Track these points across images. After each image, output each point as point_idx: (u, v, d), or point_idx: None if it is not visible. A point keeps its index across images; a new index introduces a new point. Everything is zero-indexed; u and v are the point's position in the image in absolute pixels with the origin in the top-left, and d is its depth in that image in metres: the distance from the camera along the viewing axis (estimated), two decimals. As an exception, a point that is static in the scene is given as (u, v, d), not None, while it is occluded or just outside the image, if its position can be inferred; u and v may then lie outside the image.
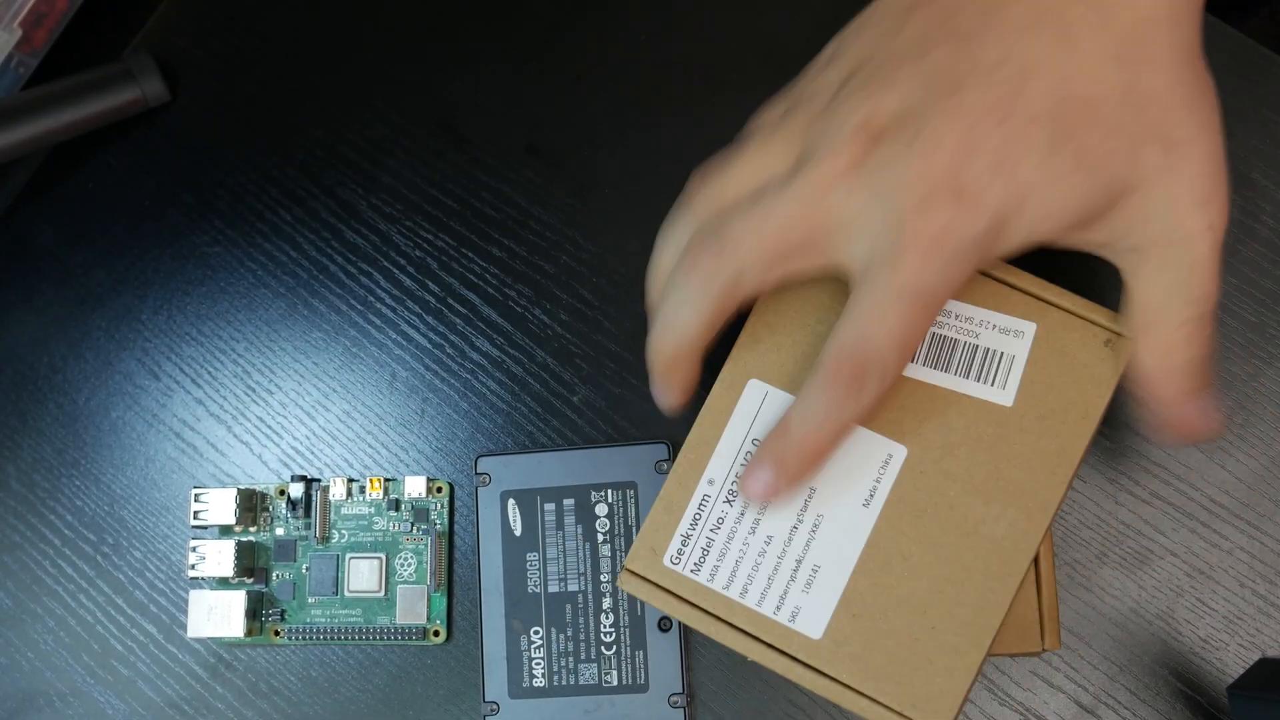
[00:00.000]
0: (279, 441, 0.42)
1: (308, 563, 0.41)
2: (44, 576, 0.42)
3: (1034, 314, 0.32)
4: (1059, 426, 0.31)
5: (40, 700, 0.41)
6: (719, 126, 0.42)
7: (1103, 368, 0.31)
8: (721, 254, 0.31)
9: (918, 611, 0.30)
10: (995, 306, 0.32)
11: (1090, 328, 0.32)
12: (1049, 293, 0.32)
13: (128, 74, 0.44)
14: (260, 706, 0.40)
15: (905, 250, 0.29)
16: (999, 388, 0.32)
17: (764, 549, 0.31)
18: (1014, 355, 0.32)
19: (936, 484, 0.31)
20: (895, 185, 0.29)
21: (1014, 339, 0.32)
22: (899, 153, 0.29)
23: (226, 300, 0.44)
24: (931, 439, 0.31)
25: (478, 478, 0.40)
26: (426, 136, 0.44)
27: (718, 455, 0.32)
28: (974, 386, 0.32)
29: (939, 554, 0.31)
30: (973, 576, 0.30)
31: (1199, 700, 0.36)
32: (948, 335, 0.32)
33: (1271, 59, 0.39)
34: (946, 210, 0.29)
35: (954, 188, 0.29)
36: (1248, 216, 0.39)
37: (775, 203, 0.30)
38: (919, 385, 0.32)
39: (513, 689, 0.39)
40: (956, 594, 0.30)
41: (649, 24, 0.43)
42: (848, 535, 0.31)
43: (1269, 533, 0.37)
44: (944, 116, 0.29)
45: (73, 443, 0.43)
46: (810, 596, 0.31)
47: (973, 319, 0.32)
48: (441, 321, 0.42)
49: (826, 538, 0.31)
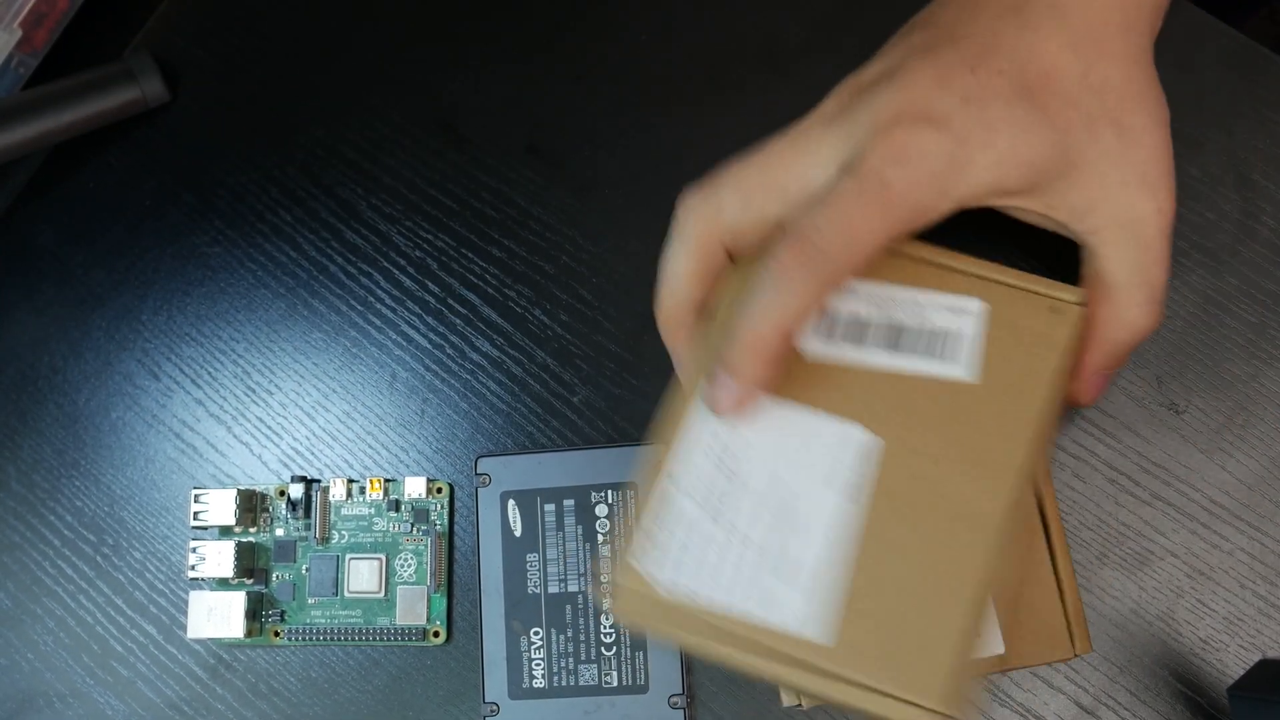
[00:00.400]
0: (279, 442, 0.42)
1: (308, 563, 0.41)
2: (44, 577, 0.42)
3: (978, 291, 0.33)
4: (1017, 393, 0.32)
5: (40, 701, 0.41)
6: (719, 126, 0.42)
7: (1052, 333, 0.32)
8: (703, 192, 0.32)
9: (908, 592, 0.30)
10: (940, 288, 0.33)
11: (1034, 298, 0.33)
12: (990, 270, 0.33)
13: (128, 74, 0.43)
14: (260, 707, 0.40)
15: (870, 151, 0.30)
16: (954, 364, 0.32)
17: (742, 551, 0.31)
18: (965, 331, 0.32)
19: (905, 462, 0.31)
20: (872, 112, 0.31)
21: (963, 317, 0.33)
22: (878, 91, 0.31)
23: (226, 300, 0.44)
24: (895, 420, 0.32)
25: (478, 478, 0.40)
26: (426, 136, 0.44)
27: (681, 459, 0.32)
28: (931, 364, 0.32)
29: (920, 531, 0.31)
30: (951, 546, 0.30)
31: (1199, 701, 0.36)
32: (900, 320, 0.33)
33: (1271, 59, 0.39)
34: (917, 129, 0.30)
35: (925, 113, 0.30)
36: (1248, 217, 0.39)
37: (757, 150, 0.32)
38: (878, 373, 0.32)
39: (513, 690, 0.39)
40: (934, 566, 0.30)
41: (649, 24, 0.43)
42: (822, 526, 0.31)
43: (1269, 534, 0.37)
44: (921, 63, 0.31)
45: (73, 443, 0.43)
46: (796, 592, 0.31)
47: (920, 302, 0.33)
48: (441, 322, 0.42)
49: (801, 531, 0.31)
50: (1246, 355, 0.38)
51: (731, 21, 0.43)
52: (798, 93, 0.41)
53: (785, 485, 0.31)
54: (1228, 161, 0.39)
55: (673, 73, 0.43)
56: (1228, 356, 0.38)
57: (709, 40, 0.43)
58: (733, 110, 0.42)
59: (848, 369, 0.32)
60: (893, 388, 0.32)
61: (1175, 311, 0.38)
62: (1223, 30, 0.40)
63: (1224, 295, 0.38)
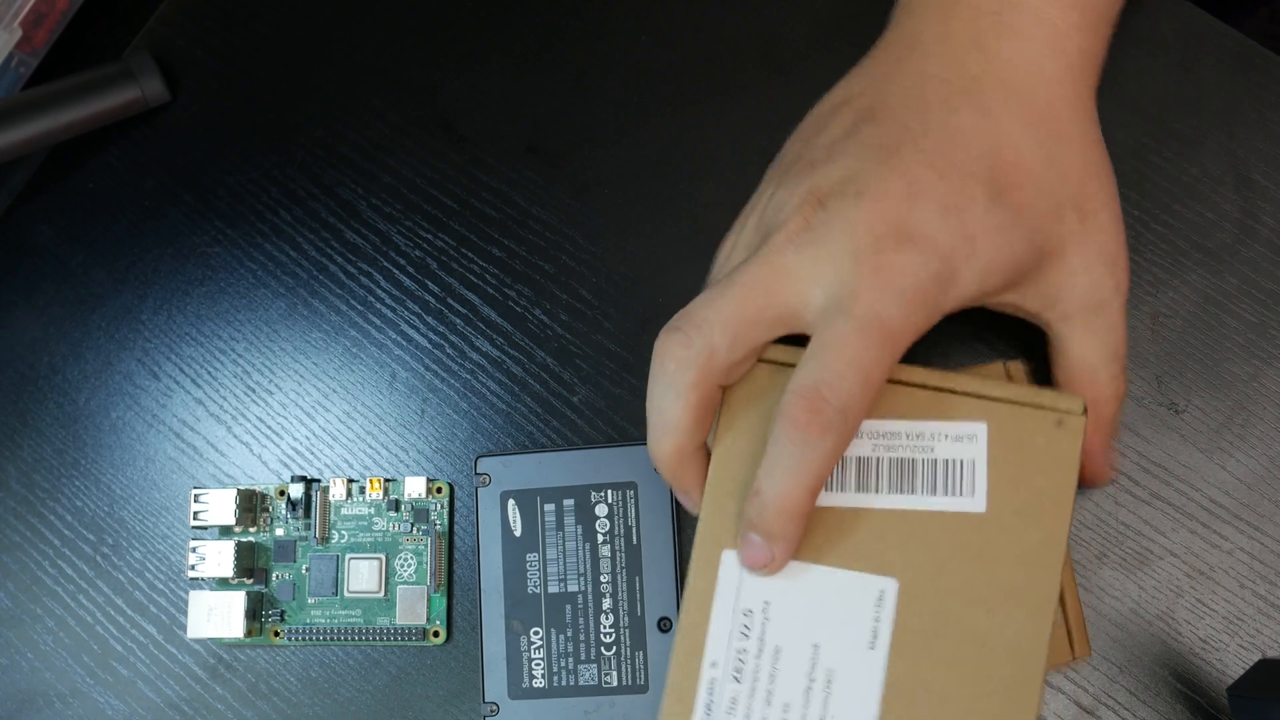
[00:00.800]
0: (279, 442, 0.42)
1: (307, 563, 0.41)
2: (44, 577, 0.42)
3: (980, 414, 0.31)
4: (1037, 517, 0.31)
5: (40, 701, 0.41)
6: (718, 126, 0.42)
7: (1062, 448, 0.31)
8: (687, 337, 0.30)
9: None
10: (941, 416, 0.31)
11: (1039, 413, 0.31)
12: (985, 387, 0.31)
13: (128, 74, 0.43)
14: (260, 707, 0.40)
15: (861, 286, 0.29)
16: (969, 495, 0.31)
17: (782, 715, 0.30)
18: (974, 460, 0.31)
19: (936, 605, 0.30)
20: (847, 233, 0.29)
21: (969, 444, 0.31)
22: (846, 206, 0.30)
23: (226, 300, 0.44)
24: (918, 563, 0.31)
25: (478, 478, 0.40)
26: (426, 136, 0.44)
27: (713, 637, 0.31)
28: (944, 501, 0.31)
29: (958, 673, 0.30)
30: (996, 688, 0.30)
31: (1199, 701, 0.36)
32: (905, 457, 0.31)
33: (1271, 59, 0.39)
34: (900, 251, 0.29)
35: (905, 230, 0.29)
36: (1248, 217, 0.39)
37: (730, 278, 0.31)
38: (891, 514, 0.31)
39: (512, 690, 0.39)
40: (985, 708, 0.30)
41: (649, 24, 0.43)
42: (863, 683, 0.30)
43: (1269, 533, 0.37)
44: (885, 171, 0.30)
45: (73, 443, 0.43)
46: None
47: (923, 434, 0.31)
48: (441, 321, 0.42)
49: (843, 691, 0.30)
50: (1246, 355, 0.38)
51: (731, 22, 0.43)
52: (798, 93, 0.41)
53: (812, 643, 0.31)
54: (1227, 161, 0.39)
55: (672, 73, 0.43)
56: (1228, 356, 0.38)
57: (709, 40, 0.43)
58: (732, 110, 0.42)
59: (861, 512, 0.31)
60: (910, 528, 0.31)
61: (1175, 311, 0.38)
62: (1223, 30, 0.40)
63: (1224, 295, 0.38)
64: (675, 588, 0.38)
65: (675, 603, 0.38)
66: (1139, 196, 0.39)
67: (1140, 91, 0.40)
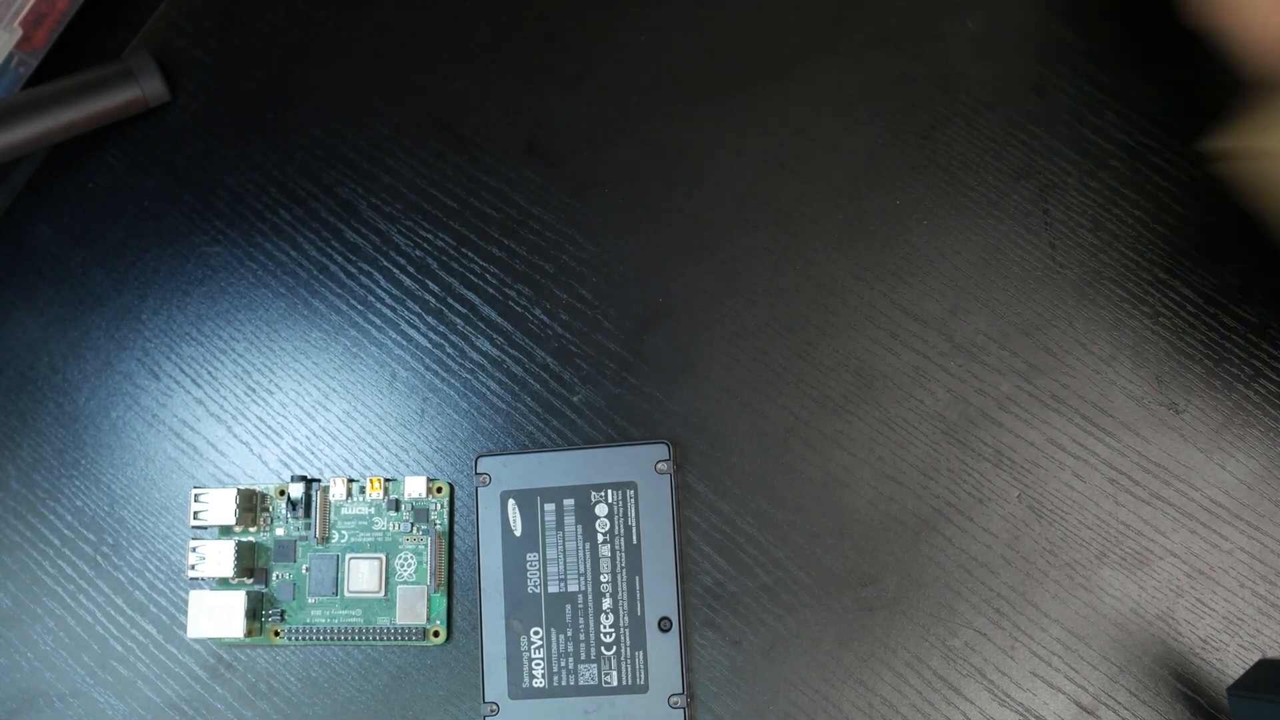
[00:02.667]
0: (279, 441, 0.42)
1: (308, 563, 0.41)
2: (44, 576, 0.42)
3: None
4: None
5: (40, 701, 0.41)
6: (718, 126, 0.42)
7: None
8: None
9: None
10: None
11: None
12: None
13: (128, 74, 0.44)
14: (260, 707, 0.40)
15: None
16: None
17: None
18: None
19: None
20: None
21: None
22: None
23: (226, 300, 0.44)
24: None
25: (478, 478, 0.40)
26: (426, 136, 0.44)
27: None
28: None
29: None
30: None
31: (1199, 701, 0.36)
32: None
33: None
34: None
35: None
36: (1247, 216, 0.39)
37: None
38: None
39: (513, 689, 0.39)
40: None
41: (649, 24, 0.43)
42: None
43: (1269, 533, 0.37)
44: None
45: (73, 443, 0.43)
46: None
47: None
48: (441, 321, 0.42)
49: None
50: (1246, 355, 0.38)
51: (731, 22, 0.43)
52: (797, 93, 0.41)
53: None
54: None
55: (672, 73, 0.43)
56: (1228, 356, 0.38)
57: (709, 40, 0.43)
58: (732, 110, 0.42)
59: None
60: None
61: (1175, 311, 0.38)
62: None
63: (1224, 295, 0.38)
64: (675, 588, 0.39)
65: (675, 602, 0.38)
66: (1139, 197, 0.39)
67: (1151, 103, 0.40)
